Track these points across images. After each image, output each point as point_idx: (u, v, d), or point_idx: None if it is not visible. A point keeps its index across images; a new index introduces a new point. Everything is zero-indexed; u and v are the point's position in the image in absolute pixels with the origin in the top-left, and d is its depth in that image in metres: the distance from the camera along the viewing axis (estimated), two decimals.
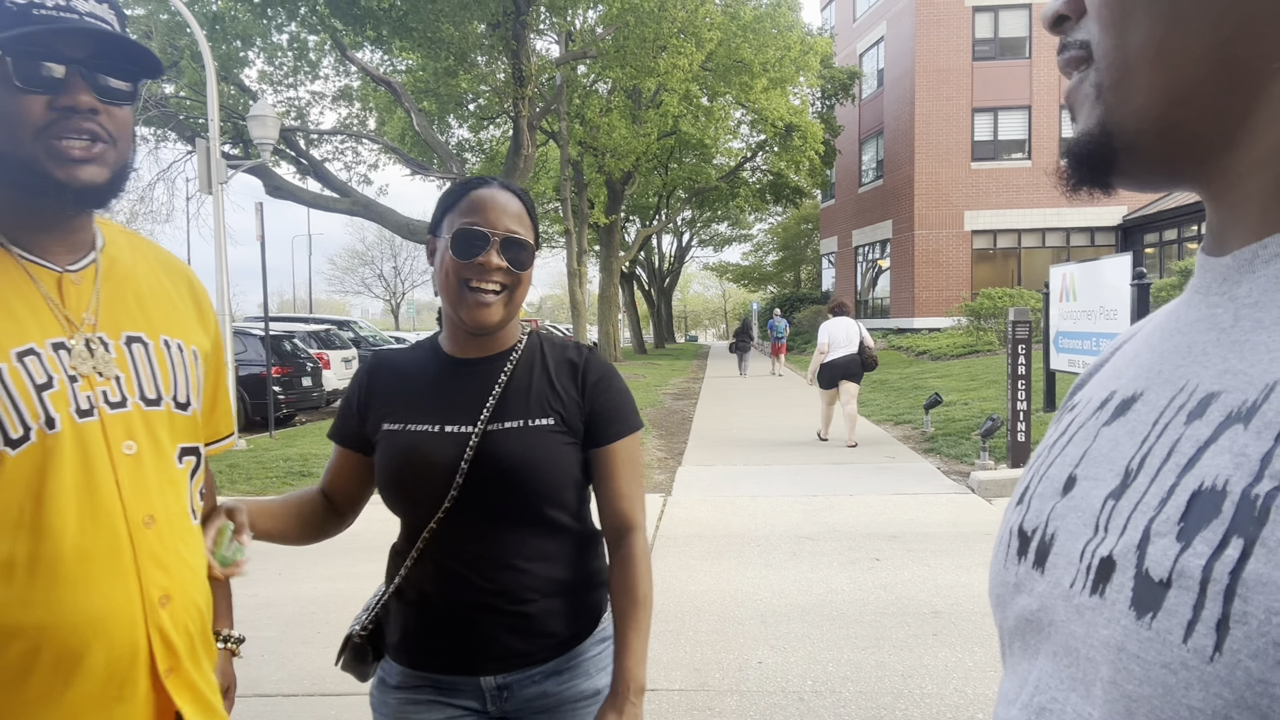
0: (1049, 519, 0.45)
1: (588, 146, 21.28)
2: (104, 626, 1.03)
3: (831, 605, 4.44)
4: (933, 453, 9.18)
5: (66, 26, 1.00)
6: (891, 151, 27.40)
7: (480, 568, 1.37)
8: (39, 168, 1.01)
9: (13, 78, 0.99)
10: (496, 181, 1.43)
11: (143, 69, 1.09)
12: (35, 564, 1.00)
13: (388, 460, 1.40)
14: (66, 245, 1.10)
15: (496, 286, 1.36)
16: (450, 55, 14.65)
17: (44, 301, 1.06)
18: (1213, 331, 0.42)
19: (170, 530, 1.11)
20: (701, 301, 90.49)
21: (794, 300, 34.91)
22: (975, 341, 19.12)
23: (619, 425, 1.46)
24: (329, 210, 15.77)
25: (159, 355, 1.15)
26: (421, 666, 1.42)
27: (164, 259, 1.27)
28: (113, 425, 1.07)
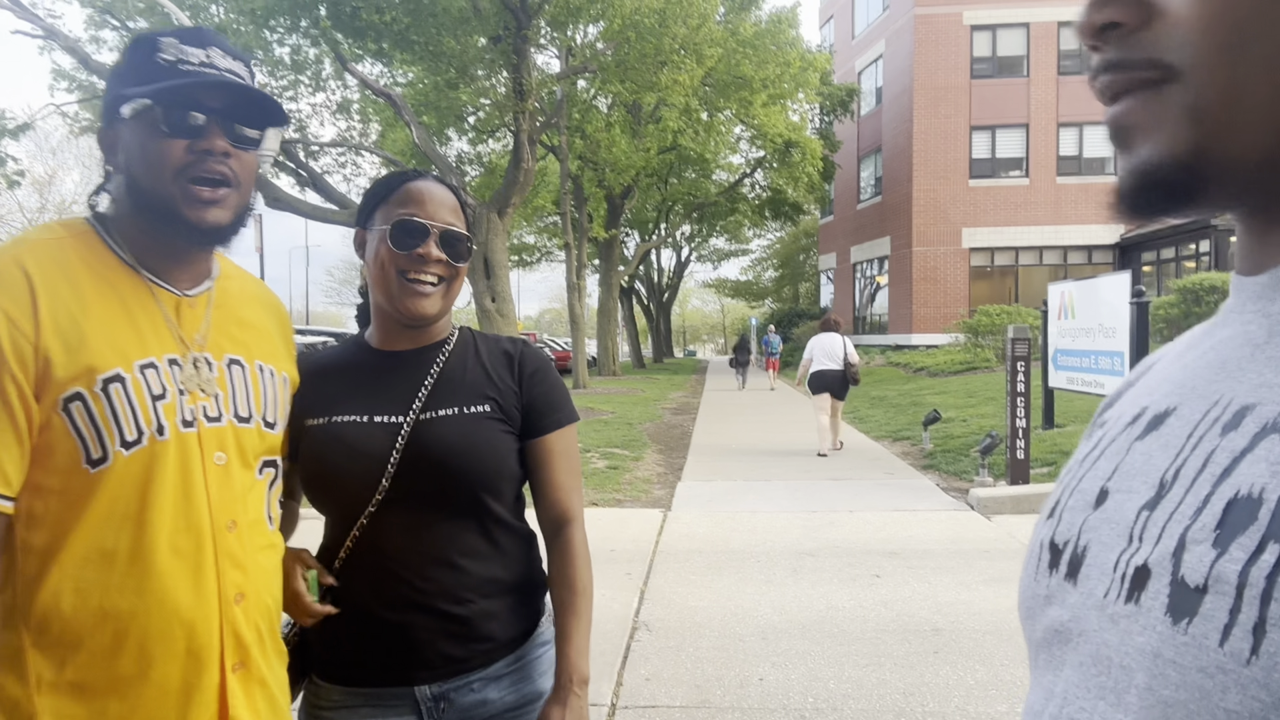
0: (1081, 532, 0.45)
1: (588, 161, 21.35)
2: (185, 618, 1.13)
3: (832, 622, 4.41)
4: (932, 469, 9.16)
5: (207, 80, 1.14)
6: (890, 168, 27.52)
7: (414, 564, 1.31)
8: (174, 207, 1.15)
9: (160, 124, 1.13)
10: (429, 175, 1.43)
11: (270, 118, 1.23)
12: (135, 555, 1.11)
13: (313, 454, 1.35)
14: (188, 273, 1.23)
15: (434, 278, 1.35)
16: (451, 68, 14.71)
17: (164, 320, 1.19)
18: (1247, 347, 0.41)
19: (248, 534, 1.22)
20: (700, 316, 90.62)
21: (792, 316, 34.95)
22: (973, 358, 19.13)
23: (556, 415, 1.43)
24: (327, 222, 15.78)
25: (254, 378, 1.27)
26: (353, 681, 1.35)
27: (264, 294, 1.40)
28: (208, 437, 1.19)
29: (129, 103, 1.14)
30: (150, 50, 1.15)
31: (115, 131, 1.18)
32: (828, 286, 35.04)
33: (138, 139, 1.15)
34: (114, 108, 1.17)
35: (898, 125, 26.85)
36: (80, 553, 1.09)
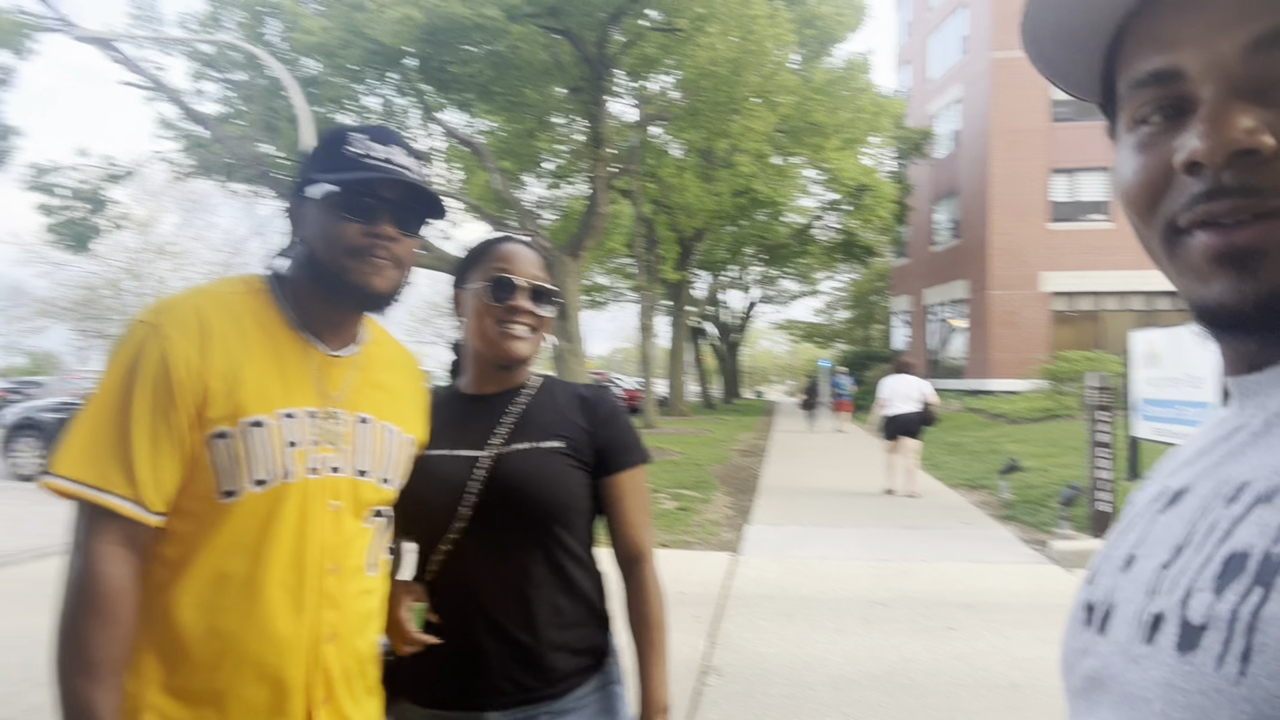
0: (1112, 592, 0.53)
1: (660, 205, 21.66)
2: (281, 647, 1.22)
3: (905, 674, 4.36)
4: (1010, 520, 8.93)
5: (386, 176, 1.29)
6: (966, 211, 27.15)
7: (490, 591, 1.42)
8: (345, 276, 1.29)
9: (341, 208, 1.29)
10: (516, 238, 1.60)
11: (434, 211, 1.38)
12: (248, 582, 1.22)
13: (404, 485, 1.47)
14: (340, 336, 1.37)
15: (526, 326, 1.51)
16: (531, 118, 15.22)
17: (311, 376, 1.32)
18: (1247, 435, 0.50)
19: (348, 579, 1.31)
20: (770, 357, 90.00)
21: (864, 358, 34.49)
22: (1055, 405, 18.58)
23: (629, 455, 1.54)
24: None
25: (378, 437, 1.37)
26: (430, 702, 1.45)
27: (407, 362, 1.52)
28: (328, 485, 1.29)
29: (317, 186, 1.31)
30: (341, 142, 1.31)
31: (302, 208, 1.34)
32: (901, 329, 34.53)
33: (321, 218, 1.30)
34: (303, 188, 1.34)
35: (974, 168, 26.53)
36: (202, 572, 1.21)
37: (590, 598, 1.51)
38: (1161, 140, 0.51)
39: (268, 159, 16.04)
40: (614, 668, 1.54)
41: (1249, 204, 0.46)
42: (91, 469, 1.16)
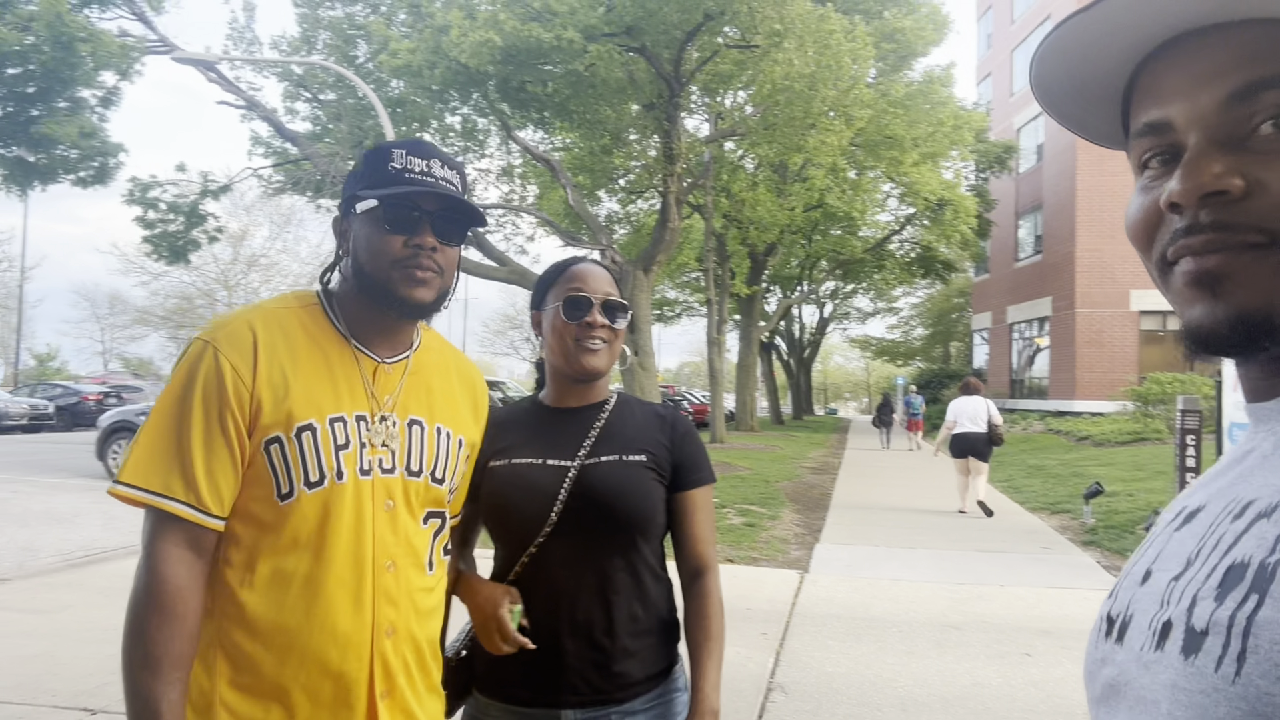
0: (1130, 605, 0.57)
1: (732, 219, 21.64)
2: (342, 642, 1.28)
3: (977, 699, 4.27)
4: (1093, 545, 8.63)
5: (427, 190, 1.36)
6: (1051, 227, 26.36)
7: (572, 594, 1.50)
8: (391, 287, 1.35)
9: (384, 222, 1.35)
10: (588, 259, 1.69)
11: (473, 221, 1.44)
12: (309, 580, 1.28)
13: (494, 489, 1.57)
14: (390, 344, 1.43)
15: (600, 340, 1.58)
16: (606, 134, 15.43)
17: (361, 382, 1.38)
18: (1259, 458, 0.54)
19: (405, 575, 1.36)
20: (843, 374, 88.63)
21: (942, 377, 33.71)
22: (1142, 428, 17.85)
23: (700, 474, 1.64)
24: (488, 278, 16.72)
25: (430, 438, 1.43)
26: (508, 698, 1.53)
27: (463, 366, 1.58)
28: (380, 485, 1.35)
29: (362, 202, 1.37)
30: (383, 159, 1.37)
31: (348, 223, 1.41)
32: (981, 347, 33.65)
33: (365, 231, 1.37)
34: (349, 204, 1.40)
35: (1059, 182, 25.77)
36: (266, 573, 1.27)
37: (660, 608, 1.59)
38: (1156, 184, 0.58)
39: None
40: (680, 676, 1.61)
41: (1220, 237, 0.53)
42: (155, 476, 1.24)
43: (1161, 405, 17.30)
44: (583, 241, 16.90)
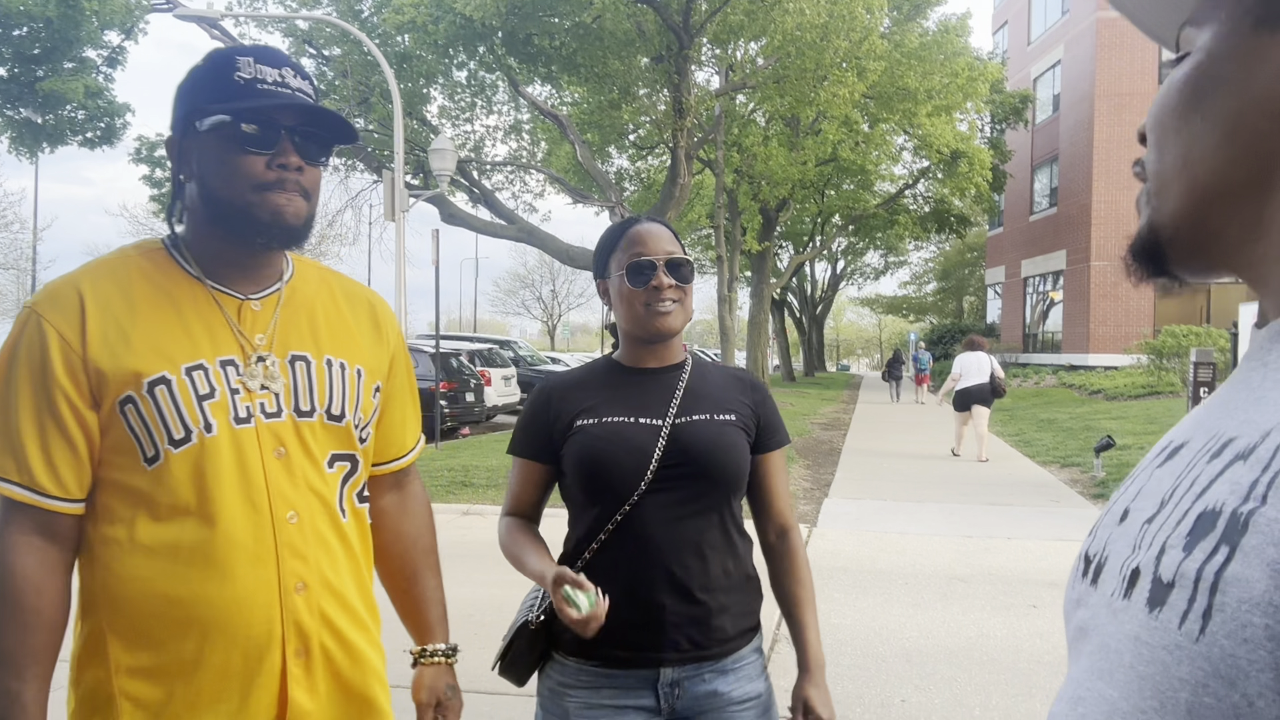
0: (1106, 544, 0.55)
1: (743, 174, 21.40)
2: (245, 606, 1.19)
3: (982, 650, 4.31)
4: (1102, 498, 8.63)
5: (283, 101, 1.22)
6: (1067, 179, 25.96)
7: (671, 550, 1.50)
8: (254, 214, 1.21)
9: (240, 140, 1.20)
10: (644, 217, 1.66)
11: (338, 136, 1.29)
12: (195, 547, 1.18)
13: (588, 446, 1.53)
14: (253, 278, 1.30)
15: (670, 301, 1.56)
16: (615, 88, 15.23)
17: (225, 324, 1.25)
18: (1245, 390, 0.51)
19: (312, 526, 1.26)
20: (855, 330, 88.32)
21: (955, 332, 33.52)
22: (1156, 382, 17.74)
23: (779, 436, 1.67)
24: (497, 236, 16.67)
25: (319, 372, 1.31)
26: (605, 659, 1.49)
27: (348, 289, 1.43)
28: (266, 432, 1.24)
29: (208, 117, 1.20)
30: (227, 67, 1.21)
31: (189, 142, 1.24)
32: (995, 301, 33.39)
33: (215, 152, 1.21)
34: (189, 120, 1.23)
35: (1076, 133, 25.31)
36: (147, 544, 1.17)
37: (746, 564, 1.61)
38: None
39: (361, 133, 16.54)
40: (761, 637, 1.64)
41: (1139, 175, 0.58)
42: None
43: (1176, 358, 17.17)
44: (592, 199, 16.78)
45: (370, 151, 16.56)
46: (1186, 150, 0.53)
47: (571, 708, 1.51)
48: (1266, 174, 0.49)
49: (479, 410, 15.38)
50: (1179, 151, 0.53)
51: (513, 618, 1.65)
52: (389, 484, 1.50)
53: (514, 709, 3.58)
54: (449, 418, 13.98)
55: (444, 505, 8.09)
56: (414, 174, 16.72)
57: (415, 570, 1.52)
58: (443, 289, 11.71)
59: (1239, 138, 0.50)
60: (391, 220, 11.88)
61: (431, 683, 1.47)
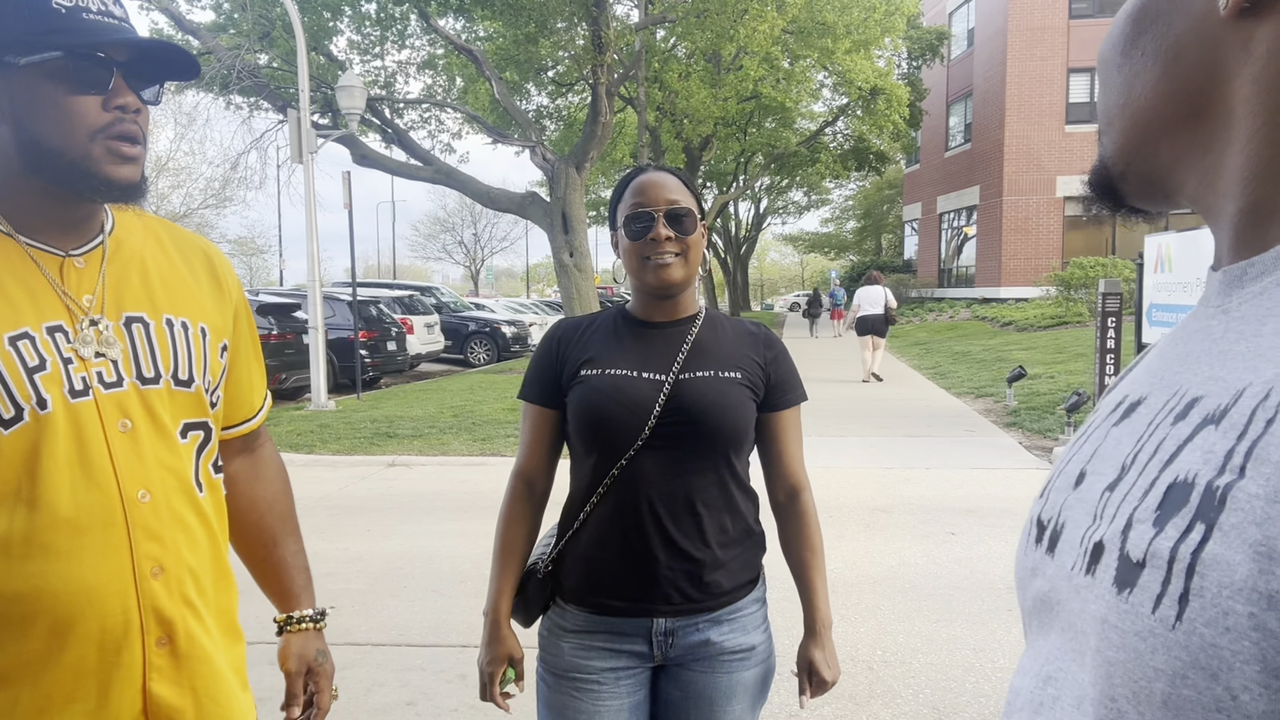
0: (1061, 510, 0.51)
1: (666, 112, 21.13)
2: (95, 596, 1.08)
3: (904, 578, 4.45)
4: (1015, 427, 8.99)
5: (119, 36, 1.07)
6: (980, 114, 26.43)
7: (665, 504, 1.50)
8: (91, 166, 1.06)
9: (72, 79, 1.04)
10: (652, 166, 1.61)
11: (178, 69, 1.14)
12: (30, 537, 1.05)
13: (589, 398, 1.53)
14: (73, 233, 1.14)
15: (670, 254, 1.53)
16: (531, 22, 14.71)
17: (47, 286, 1.10)
18: (1206, 341, 0.46)
19: (166, 505, 1.15)
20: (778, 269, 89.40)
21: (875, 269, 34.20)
22: (1064, 313, 18.46)
23: (793, 393, 1.63)
24: (413, 178, 16.11)
25: (159, 334, 1.18)
26: (601, 608, 1.53)
27: (179, 239, 1.29)
28: (107, 404, 1.11)
29: (30, 52, 1.03)
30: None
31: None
32: (912, 238, 34.11)
33: (40, 93, 1.04)
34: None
35: (990, 69, 25.70)
36: None
37: (748, 520, 1.59)
38: None
39: (263, 71, 15.66)
40: (763, 587, 1.63)
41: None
42: None
43: (1084, 289, 17.87)
44: (512, 139, 16.34)
45: (273, 89, 15.72)
46: (1128, 85, 0.51)
47: (567, 648, 1.55)
48: (1205, 104, 0.47)
49: (401, 359, 15.07)
50: (1121, 87, 0.52)
51: (447, 568, 1.66)
52: (238, 448, 1.41)
53: (447, 660, 3.55)
54: (370, 368, 13.66)
55: (368, 458, 7.93)
56: (322, 113, 15.97)
57: (274, 536, 1.43)
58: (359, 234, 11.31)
59: (1176, 69, 0.48)
60: (299, 162, 11.34)
61: (300, 649, 1.41)
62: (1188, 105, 0.47)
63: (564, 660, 1.55)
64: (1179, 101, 0.48)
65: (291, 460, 7.52)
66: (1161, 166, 0.51)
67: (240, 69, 14.48)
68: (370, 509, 6.11)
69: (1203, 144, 0.47)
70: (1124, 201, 0.55)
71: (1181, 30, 0.47)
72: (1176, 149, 0.49)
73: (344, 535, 5.39)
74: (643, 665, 1.54)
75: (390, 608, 4.16)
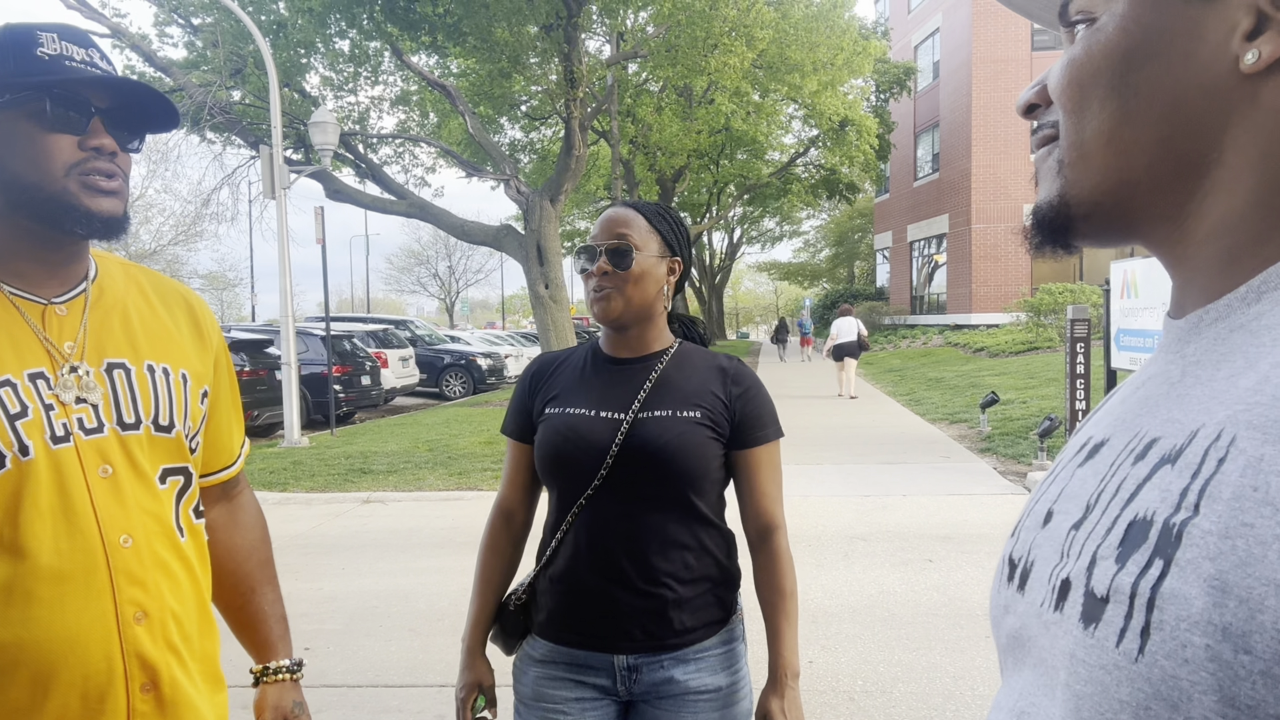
0: (1030, 548, 0.52)
1: (639, 145, 21.34)
2: (78, 644, 1.08)
3: (883, 606, 4.45)
4: (989, 453, 9.06)
5: (97, 79, 1.12)
6: (948, 145, 26.93)
7: (624, 545, 1.49)
8: (69, 199, 1.10)
9: (48, 119, 1.09)
10: (619, 201, 1.65)
11: (155, 120, 1.19)
12: (12, 585, 1.05)
13: (548, 438, 1.55)
14: (56, 278, 1.17)
15: (606, 288, 1.53)
16: (504, 58, 14.85)
17: (30, 333, 1.12)
18: (1164, 385, 0.48)
19: (149, 549, 1.15)
20: (753, 298, 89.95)
21: (847, 296, 34.57)
22: (1035, 338, 18.71)
23: (764, 430, 1.59)
24: (387, 212, 16.10)
25: (140, 380, 1.20)
26: (563, 641, 1.54)
27: (161, 286, 1.32)
28: (87, 450, 1.12)
29: (10, 94, 1.09)
30: (29, 43, 1.10)
31: None
32: (884, 266, 34.50)
33: (17, 131, 1.09)
34: None
35: (956, 100, 26.24)
36: None
37: (719, 558, 1.57)
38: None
39: (236, 107, 15.65)
40: (738, 625, 1.61)
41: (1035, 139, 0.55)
42: None
43: (1053, 315, 18.13)
44: (486, 173, 16.40)
45: (246, 125, 15.70)
46: (1115, 124, 0.49)
47: (533, 675, 1.56)
48: (1200, 155, 0.46)
49: (376, 394, 14.94)
50: (1106, 123, 0.49)
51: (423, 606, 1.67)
52: (217, 495, 1.41)
53: (424, 700, 3.49)
54: (344, 402, 13.54)
55: (343, 494, 7.83)
56: (295, 149, 15.96)
57: (251, 585, 1.43)
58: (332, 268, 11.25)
59: (1175, 117, 0.46)
60: (272, 198, 11.31)
61: (277, 701, 1.40)
62: (1184, 154, 0.47)
63: (530, 689, 1.57)
64: (1175, 150, 0.47)
65: (265, 498, 7.41)
66: (1136, 210, 0.50)
67: (212, 105, 14.47)
68: (345, 547, 6.02)
69: (1188, 191, 0.47)
70: (1069, 239, 0.53)
71: (1183, 76, 0.46)
72: (1159, 195, 0.48)
73: (318, 574, 5.30)
74: (608, 698, 1.54)
75: (366, 648, 4.09)
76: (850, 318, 15.33)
